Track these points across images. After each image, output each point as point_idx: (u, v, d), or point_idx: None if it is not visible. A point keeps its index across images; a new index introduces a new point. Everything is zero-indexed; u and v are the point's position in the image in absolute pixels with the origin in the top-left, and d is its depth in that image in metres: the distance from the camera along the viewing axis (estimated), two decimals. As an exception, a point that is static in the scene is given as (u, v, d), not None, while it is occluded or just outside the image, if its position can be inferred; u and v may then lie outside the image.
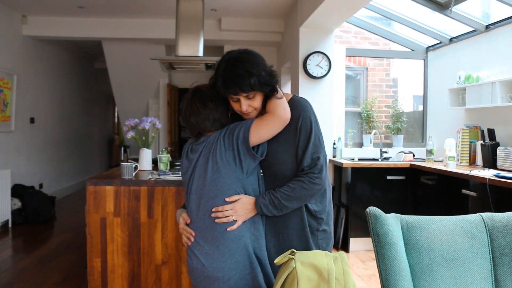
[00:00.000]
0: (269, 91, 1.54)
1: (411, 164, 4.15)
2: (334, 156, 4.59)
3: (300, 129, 1.55)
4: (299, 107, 1.59)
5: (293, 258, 1.34)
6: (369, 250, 4.16)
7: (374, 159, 4.63)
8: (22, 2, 4.93)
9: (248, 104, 1.53)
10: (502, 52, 3.78)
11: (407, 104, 5.35)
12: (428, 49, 5.03)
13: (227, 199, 1.52)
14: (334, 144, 4.59)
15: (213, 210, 1.52)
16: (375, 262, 1.30)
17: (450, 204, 3.52)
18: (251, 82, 1.48)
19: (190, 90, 1.64)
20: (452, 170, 3.49)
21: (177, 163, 3.44)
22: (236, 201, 1.52)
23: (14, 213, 5.01)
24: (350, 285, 1.31)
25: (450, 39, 4.59)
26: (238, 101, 1.53)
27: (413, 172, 4.12)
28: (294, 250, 1.39)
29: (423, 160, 4.38)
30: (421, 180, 3.99)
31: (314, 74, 4.35)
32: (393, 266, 1.26)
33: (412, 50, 5.11)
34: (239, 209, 1.52)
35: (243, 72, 1.47)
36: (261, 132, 1.52)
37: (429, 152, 4.15)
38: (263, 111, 1.59)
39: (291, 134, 1.57)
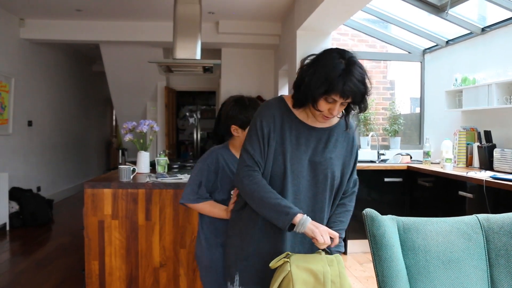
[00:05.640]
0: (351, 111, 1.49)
1: (408, 166, 4.16)
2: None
3: (354, 150, 1.58)
4: (352, 124, 1.59)
5: (288, 261, 1.32)
6: (367, 252, 4.16)
7: (371, 161, 4.63)
8: (19, 5, 4.93)
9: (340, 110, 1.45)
10: (498, 54, 3.80)
11: (404, 106, 5.37)
12: (425, 51, 5.05)
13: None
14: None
15: None
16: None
17: (447, 206, 3.53)
18: (365, 94, 1.40)
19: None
20: (449, 172, 3.50)
21: (175, 166, 3.44)
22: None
23: (11, 216, 4.99)
24: (346, 287, 1.32)
25: (447, 42, 4.61)
26: (333, 102, 1.40)
27: (410, 174, 4.13)
28: (289, 253, 1.38)
29: (420, 162, 4.39)
30: (418, 182, 4.00)
31: (312, 77, 4.34)
32: (390, 267, 1.26)
33: (409, 52, 5.12)
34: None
35: (366, 82, 1.39)
36: None
37: (426, 154, 4.17)
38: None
39: (348, 152, 1.56)
